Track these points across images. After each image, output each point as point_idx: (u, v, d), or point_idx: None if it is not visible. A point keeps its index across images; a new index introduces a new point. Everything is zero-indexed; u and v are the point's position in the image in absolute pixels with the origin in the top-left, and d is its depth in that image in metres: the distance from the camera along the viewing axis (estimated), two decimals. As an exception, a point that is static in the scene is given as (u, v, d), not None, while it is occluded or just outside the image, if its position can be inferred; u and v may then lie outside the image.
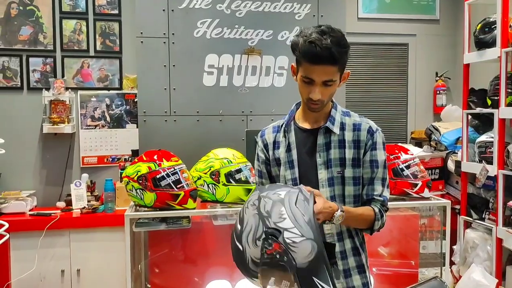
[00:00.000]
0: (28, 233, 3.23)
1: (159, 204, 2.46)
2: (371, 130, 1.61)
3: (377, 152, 1.60)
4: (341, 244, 1.61)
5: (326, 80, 1.50)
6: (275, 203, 1.31)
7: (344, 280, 1.61)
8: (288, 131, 1.65)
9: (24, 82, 3.66)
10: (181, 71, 3.40)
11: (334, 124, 1.60)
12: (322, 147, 1.59)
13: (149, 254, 2.61)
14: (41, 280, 3.27)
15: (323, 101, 1.54)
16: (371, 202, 1.62)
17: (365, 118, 1.67)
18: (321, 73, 1.49)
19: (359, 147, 1.60)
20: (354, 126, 1.61)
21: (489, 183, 3.23)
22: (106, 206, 3.36)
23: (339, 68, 1.52)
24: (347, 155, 1.59)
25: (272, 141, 1.69)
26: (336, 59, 1.47)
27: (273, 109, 3.53)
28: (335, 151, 1.59)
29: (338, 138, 1.60)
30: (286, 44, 3.56)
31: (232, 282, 2.62)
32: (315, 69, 1.48)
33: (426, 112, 4.44)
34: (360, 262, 1.64)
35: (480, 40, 3.24)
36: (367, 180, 1.62)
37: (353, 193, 1.61)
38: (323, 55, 1.46)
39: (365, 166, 1.60)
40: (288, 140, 1.64)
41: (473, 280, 3.00)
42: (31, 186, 3.67)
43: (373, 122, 1.65)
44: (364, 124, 1.62)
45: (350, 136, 1.60)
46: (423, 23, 4.38)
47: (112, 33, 3.80)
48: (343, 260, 1.61)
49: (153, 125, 3.38)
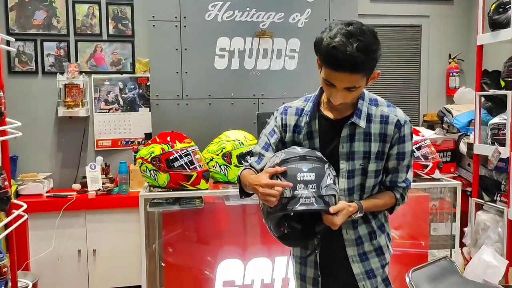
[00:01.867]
0: (45, 214, 3.31)
1: (173, 185, 2.51)
2: (399, 124, 1.54)
3: (405, 144, 1.57)
4: (356, 231, 1.61)
5: (348, 87, 1.42)
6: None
7: (361, 264, 1.61)
8: (312, 118, 1.59)
9: (39, 66, 3.71)
10: (193, 55, 3.42)
11: (361, 117, 1.53)
12: (346, 138, 1.54)
13: (163, 233, 2.66)
14: (59, 260, 3.36)
15: (346, 103, 1.50)
16: (394, 189, 1.64)
17: (394, 107, 1.59)
18: (343, 80, 1.40)
19: (385, 140, 1.55)
20: (381, 118, 1.54)
21: (501, 165, 3.21)
22: (121, 188, 3.43)
23: (364, 75, 1.42)
24: (372, 149, 1.54)
25: (293, 123, 1.63)
26: (360, 68, 1.37)
27: (285, 92, 3.54)
28: (359, 144, 1.54)
29: (363, 130, 1.54)
30: (298, 27, 3.56)
31: (244, 261, 2.67)
32: (337, 76, 1.39)
33: (438, 94, 4.41)
34: (378, 244, 1.63)
35: (494, 20, 3.19)
36: (393, 170, 1.62)
37: (373, 184, 1.61)
38: (346, 63, 1.35)
39: (391, 158, 1.58)
40: (311, 127, 1.59)
41: (484, 261, 3.02)
42: (47, 168, 3.75)
43: (402, 112, 1.59)
44: (392, 117, 1.54)
45: (376, 129, 1.54)
46: (437, 4, 4.31)
47: (125, 17, 3.82)
48: (358, 246, 1.61)
49: (166, 109, 3.42)
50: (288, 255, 2.70)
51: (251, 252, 2.68)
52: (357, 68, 1.37)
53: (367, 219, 1.63)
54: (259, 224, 2.71)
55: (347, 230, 1.60)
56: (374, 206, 1.61)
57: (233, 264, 2.66)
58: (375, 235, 1.63)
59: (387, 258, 1.67)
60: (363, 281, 1.62)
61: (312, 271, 1.66)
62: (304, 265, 1.68)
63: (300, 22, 3.56)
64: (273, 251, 2.70)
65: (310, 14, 3.55)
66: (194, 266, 2.65)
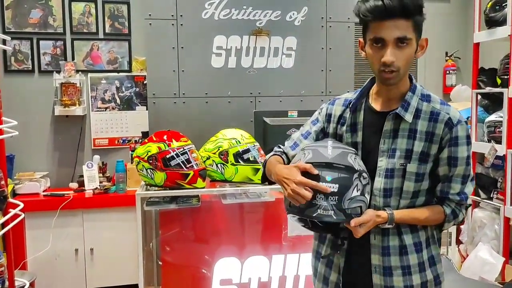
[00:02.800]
0: (42, 213, 3.30)
1: (169, 184, 2.51)
2: (450, 123, 1.37)
3: (458, 148, 1.38)
4: (385, 239, 1.43)
5: (399, 37, 1.29)
6: None
7: (383, 277, 1.43)
8: (358, 110, 1.47)
9: (35, 65, 3.70)
10: (190, 53, 3.42)
11: (408, 110, 1.38)
12: (389, 133, 1.40)
13: (160, 232, 2.67)
14: (56, 259, 3.36)
15: (399, 67, 1.32)
16: (444, 202, 1.45)
17: (448, 105, 1.42)
18: (393, 28, 1.29)
19: (432, 140, 1.38)
20: (431, 115, 1.39)
21: (498, 162, 3.22)
22: (118, 187, 3.43)
23: (414, 25, 1.31)
24: (415, 148, 1.38)
25: (339, 114, 1.52)
26: (410, 10, 1.28)
27: (282, 90, 3.55)
28: (403, 141, 1.39)
29: (409, 126, 1.39)
30: (295, 25, 3.56)
31: (241, 259, 2.67)
32: (385, 25, 1.29)
33: (435, 92, 4.31)
34: (407, 263, 1.43)
35: (490, 18, 3.19)
36: (444, 178, 1.43)
37: (413, 189, 1.41)
38: (394, 6, 1.27)
39: (442, 163, 1.40)
40: (355, 119, 1.47)
41: (480, 259, 3.02)
42: (44, 167, 3.74)
43: (457, 112, 1.40)
44: (443, 114, 1.38)
45: (424, 126, 1.38)
46: (433, 2, 4.32)
47: (121, 15, 3.81)
48: (384, 257, 1.43)
49: (163, 107, 3.42)
50: (284, 253, 2.72)
51: (248, 250, 2.68)
52: (407, 10, 1.28)
53: (400, 230, 1.43)
54: (256, 223, 2.72)
55: (375, 235, 1.43)
56: (411, 218, 1.41)
57: (230, 262, 2.67)
58: (405, 251, 1.43)
59: (414, 280, 1.43)
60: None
61: (336, 276, 1.51)
62: (329, 268, 1.53)
63: (297, 20, 3.56)
64: (270, 250, 2.70)
65: (307, 12, 3.56)
66: (191, 264, 2.65)
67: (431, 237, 1.49)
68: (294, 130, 3.02)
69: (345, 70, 3.61)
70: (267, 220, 2.77)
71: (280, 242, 2.72)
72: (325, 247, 1.55)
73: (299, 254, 2.73)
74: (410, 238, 1.44)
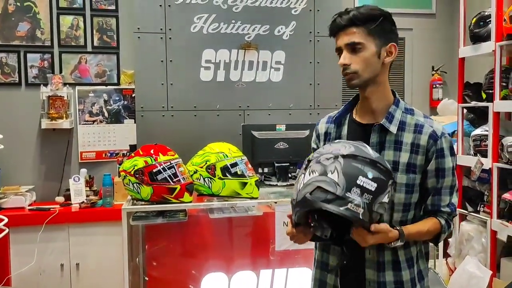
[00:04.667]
0: (27, 227, 3.25)
1: (156, 198, 2.48)
2: (435, 135, 1.42)
3: (444, 160, 1.43)
4: (380, 254, 1.44)
5: (348, 43, 1.41)
6: None
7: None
8: (342, 124, 1.53)
9: (22, 78, 3.68)
10: (178, 66, 3.43)
11: (392, 122, 1.44)
12: (376, 146, 1.44)
13: (146, 247, 2.63)
14: (41, 274, 3.30)
15: (356, 70, 1.42)
16: (437, 214, 1.47)
17: (431, 119, 1.48)
18: (344, 36, 1.42)
19: (417, 152, 1.42)
20: (416, 127, 1.44)
21: (484, 176, 3.25)
22: (105, 201, 3.39)
23: (366, 32, 1.41)
24: (402, 159, 1.42)
25: (324, 131, 1.58)
26: (358, 19, 1.40)
27: (270, 103, 3.56)
28: (389, 153, 1.43)
29: (394, 138, 1.44)
30: (283, 39, 3.58)
31: (228, 274, 2.65)
32: (340, 36, 1.44)
33: (422, 106, 4.45)
34: (399, 278, 1.45)
35: (475, 34, 3.25)
36: (433, 190, 1.46)
37: (404, 201, 1.43)
38: (340, 19, 1.43)
39: (430, 176, 1.44)
40: (339, 133, 1.53)
41: (467, 272, 3.03)
42: (30, 181, 3.69)
43: (440, 125, 1.47)
44: (427, 127, 1.43)
45: (409, 138, 1.43)
46: (420, 17, 4.39)
47: (110, 28, 3.81)
48: (379, 272, 1.44)
49: (151, 120, 3.40)
50: (272, 268, 2.70)
51: (235, 265, 2.67)
52: (355, 20, 1.41)
53: (407, 244, 1.44)
54: (244, 237, 2.70)
55: (370, 250, 1.44)
56: (418, 233, 1.43)
57: (217, 277, 2.64)
58: (399, 267, 1.45)
59: None
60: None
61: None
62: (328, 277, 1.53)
63: (285, 35, 3.59)
64: (258, 264, 2.69)
65: (295, 26, 3.59)
66: (178, 280, 2.62)
67: (419, 252, 1.51)
68: (282, 143, 3.03)
69: (333, 83, 3.63)
70: (255, 234, 2.76)
71: (268, 257, 2.71)
72: (330, 256, 1.52)
73: (287, 268, 2.72)
74: (403, 253, 1.46)
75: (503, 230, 2.96)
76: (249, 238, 2.76)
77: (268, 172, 3.07)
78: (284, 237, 2.69)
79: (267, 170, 3.07)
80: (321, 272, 1.54)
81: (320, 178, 1.27)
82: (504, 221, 2.98)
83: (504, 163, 3.00)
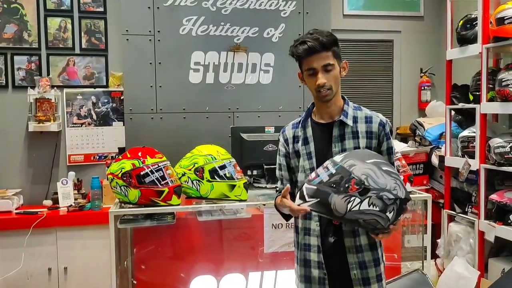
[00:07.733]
0: (14, 231, 3.22)
1: (144, 201, 2.47)
2: (382, 123, 1.80)
3: (390, 141, 1.83)
4: (357, 239, 1.75)
5: (325, 65, 1.72)
6: None
7: (360, 271, 1.76)
8: (306, 126, 1.84)
9: (9, 81, 3.64)
10: (167, 69, 3.41)
11: (348, 117, 1.79)
12: (337, 138, 1.78)
13: (134, 250, 2.62)
14: (28, 279, 3.26)
15: (330, 86, 1.74)
16: None
17: (374, 112, 1.86)
18: (319, 59, 1.72)
19: (371, 137, 1.79)
20: (366, 119, 1.81)
21: (472, 177, 3.28)
22: (93, 204, 3.36)
23: (333, 54, 1.74)
24: (361, 145, 1.77)
25: (292, 136, 1.87)
26: (327, 45, 1.72)
27: (260, 105, 3.56)
28: (350, 141, 1.78)
29: (351, 129, 1.78)
30: (272, 41, 3.58)
31: (217, 277, 2.64)
32: (313, 58, 1.72)
33: (411, 108, 4.49)
34: (376, 256, 1.78)
35: (462, 36, 3.28)
36: None
37: None
38: (315, 45, 1.71)
39: (384, 154, 1.79)
40: (306, 134, 1.83)
41: (456, 273, 3.05)
42: (17, 184, 3.65)
43: (381, 115, 1.85)
44: (375, 117, 1.81)
45: (363, 128, 1.79)
46: (408, 19, 4.41)
47: (98, 30, 3.79)
48: (357, 254, 1.75)
49: (140, 123, 3.39)
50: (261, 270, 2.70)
51: (224, 268, 2.66)
52: (325, 45, 1.71)
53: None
54: (232, 240, 2.69)
55: (349, 238, 1.75)
56: None
57: (206, 280, 2.63)
58: (375, 247, 1.78)
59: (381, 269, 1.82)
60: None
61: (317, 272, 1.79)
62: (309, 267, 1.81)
63: (275, 37, 3.59)
64: (247, 267, 2.68)
65: (284, 29, 3.59)
66: (167, 283, 2.61)
67: None
68: (271, 145, 3.03)
69: (322, 86, 3.64)
70: (243, 237, 2.75)
71: (257, 259, 2.70)
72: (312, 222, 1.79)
73: (275, 271, 2.72)
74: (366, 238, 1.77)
75: (491, 231, 2.99)
76: (238, 240, 2.76)
77: (257, 174, 3.07)
78: (273, 239, 2.70)
79: (256, 172, 3.06)
80: (304, 253, 1.82)
81: (380, 214, 1.57)
82: (491, 222, 3.01)
83: (491, 164, 3.03)
